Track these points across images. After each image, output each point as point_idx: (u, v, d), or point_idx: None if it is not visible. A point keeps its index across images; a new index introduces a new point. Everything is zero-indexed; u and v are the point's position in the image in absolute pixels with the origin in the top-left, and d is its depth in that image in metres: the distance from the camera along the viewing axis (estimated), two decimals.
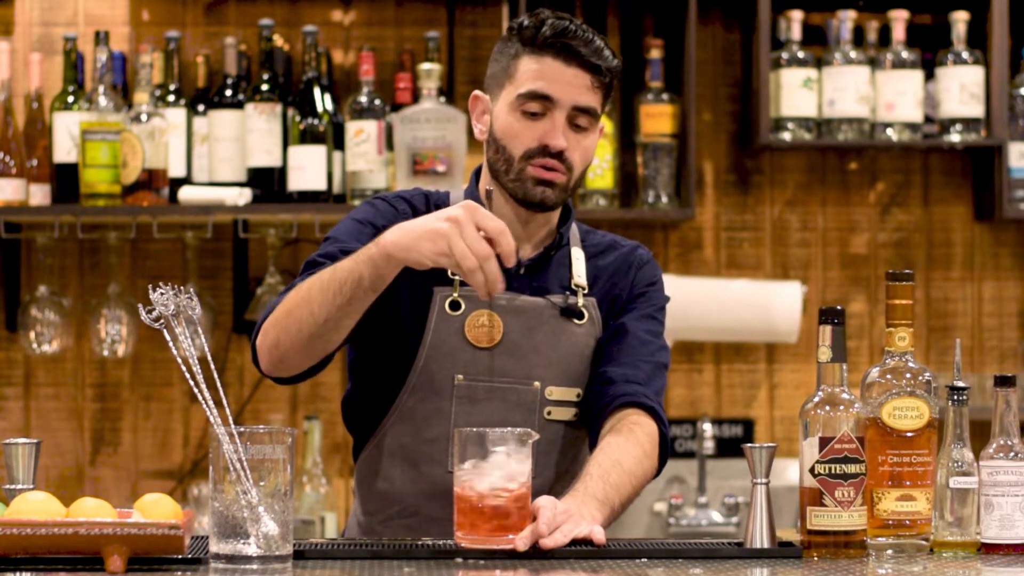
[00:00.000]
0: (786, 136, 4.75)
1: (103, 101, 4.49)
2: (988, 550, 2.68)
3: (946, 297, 5.02)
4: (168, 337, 2.54)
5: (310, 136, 4.53)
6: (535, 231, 3.00)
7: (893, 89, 4.75)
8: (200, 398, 2.52)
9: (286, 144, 4.56)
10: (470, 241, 2.62)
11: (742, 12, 4.91)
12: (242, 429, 2.48)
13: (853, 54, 4.76)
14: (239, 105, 4.60)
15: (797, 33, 4.78)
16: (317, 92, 4.56)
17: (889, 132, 4.77)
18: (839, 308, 2.65)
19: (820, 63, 4.78)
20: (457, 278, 2.93)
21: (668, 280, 3.15)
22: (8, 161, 4.53)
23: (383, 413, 2.97)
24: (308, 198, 4.52)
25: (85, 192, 4.48)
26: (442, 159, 4.53)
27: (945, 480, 2.70)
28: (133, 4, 4.83)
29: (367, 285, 2.72)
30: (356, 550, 2.63)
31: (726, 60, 4.97)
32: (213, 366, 2.55)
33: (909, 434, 2.68)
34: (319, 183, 4.51)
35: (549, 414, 2.96)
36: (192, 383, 2.53)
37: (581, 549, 2.61)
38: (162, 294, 2.54)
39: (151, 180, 4.47)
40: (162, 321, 2.54)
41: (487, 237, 2.64)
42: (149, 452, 4.82)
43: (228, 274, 4.82)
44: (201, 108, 4.64)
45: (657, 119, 4.76)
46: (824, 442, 2.62)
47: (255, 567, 2.45)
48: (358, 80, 4.61)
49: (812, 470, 2.62)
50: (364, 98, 4.56)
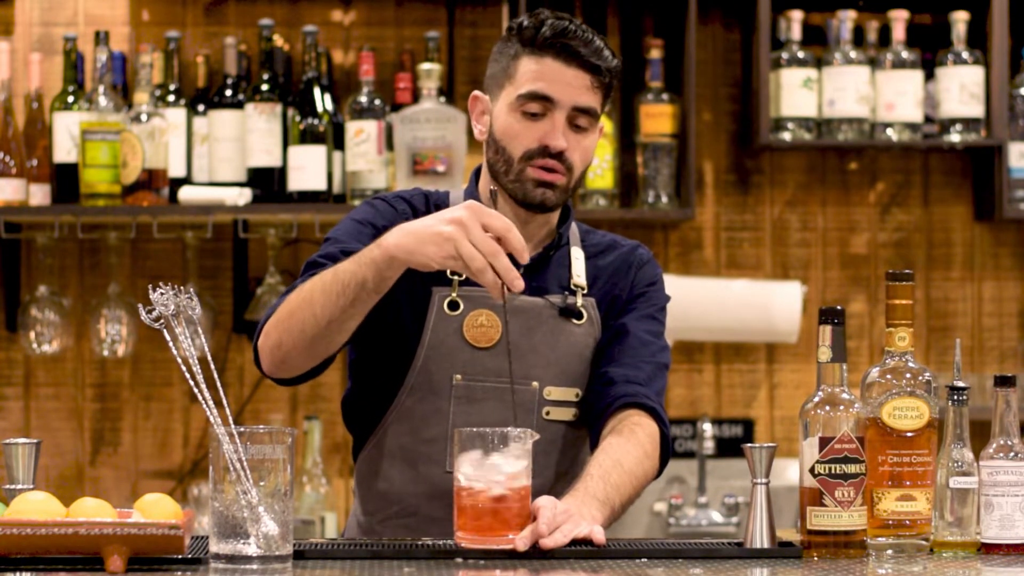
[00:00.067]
0: (786, 136, 4.75)
1: (103, 101, 4.49)
2: (988, 550, 2.68)
3: (946, 297, 5.02)
4: (168, 337, 2.54)
5: (310, 136, 4.53)
6: (535, 231, 3.00)
7: (893, 89, 4.75)
8: (200, 398, 2.52)
9: (286, 144, 4.56)
10: (477, 241, 2.61)
11: (742, 12, 4.91)
12: (242, 429, 2.48)
13: (853, 54, 4.76)
14: (239, 105, 4.60)
15: (797, 33, 4.78)
16: (317, 92, 4.56)
17: (889, 132, 4.77)
18: (839, 308, 2.65)
19: (820, 63, 4.78)
20: (456, 278, 2.93)
21: (668, 280, 3.15)
22: (8, 161, 4.53)
23: (382, 413, 2.97)
24: (308, 198, 4.52)
25: (85, 192, 4.48)
26: (442, 159, 4.53)
27: (945, 480, 2.70)
28: (133, 4, 4.82)
29: (370, 287, 2.71)
30: (356, 550, 2.63)
31: (726, 60, 4.97)
32: (213, 366, 2.55)
33: (909, 434, 2.68)
34: (319, 183, 4.51)
35: (548, 414, 2.96)
36: (192, 383, 2.53)
37: (581, 549, 2.60)
38: (162, 294, 2.54)
39: (151, 180, 4.47)
40: (162, 321, 2.54)
41: (494, 236, 2.63)
42: (149, 452, 4.82)
43: (228, 274, 4.82)
44: (201, 108, 4.64)
45: (657, 119, 4.76)
46: (824, 442, 2.62)
47: (255, 567, 2.45)
48: (358, 80, 4.61)
49: (812, 470, 2.62)
50: (364, 98, 4.56)
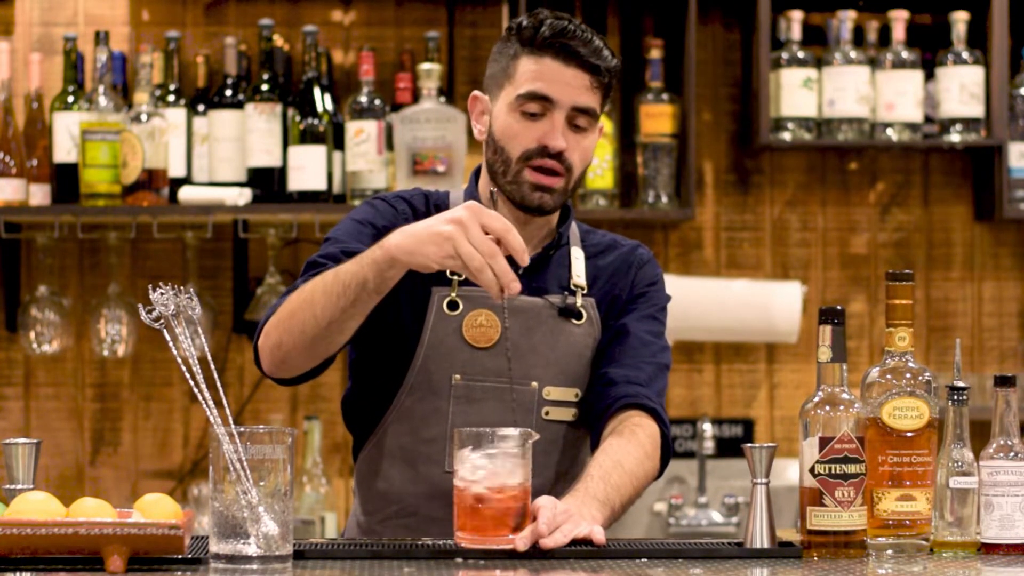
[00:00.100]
0: (786, 136, 4.75)
1: (103, 101, 4.49)
2: (988, 550, 2.68)
3: (946, 297, 5.02)
4: (168, 337, 2.54)
5: (310, 136, 4.53)
6: (535, 231, 3.00)
7: (893, 89, 4.75)
8: (200, 398, 2.52)
9: (286, 144, 4.56)
10: (476, 241, 2.61)
11: (742, 12, 4.91)
12: (242, 429, 2.48)
13: (853, 54, 4.75)
14: (239, 105, 4.60)
15: (797, 33, 4.78)
16: (317, 92, 4.56)
17: (889, 132, 4.76)
18: (839, 308, 2.65)
19: (820, 63, 4.78)
20: (455, 278, 2.93)
21: (668, 280, 3.15)
22: (8, 161, 4.53)
23: (382, 413, 2.97)
24: (308, 198, 4.52)
25: (85, 192, 4.48)
26: (442, 159, 4.53)
27: (945, 480, 2.70)
28: (133, 4, 4.82)
29: (371, 288, 2.71)
30: (356, 550, 2.63)
31: (726, 60, 4.97)
32: (213, 366, 2.55)
33: (909, 434, 2.68)
34: (319, 183, 4.51)
35: (547, 414, 2.96)
36: (192, 383, 2.53)
37: (581, 549, 2.60)
38: (162, 294, 2.54)
39: (151, 180, 4.47)
40: (162, 321, 2.54)
41: (494, 237, 2.63)
42: (149, 452, 4.82)
43: (228, 274, 4.82)
44: (201, 108, 4.64)
45: (657, 119, 4.76)
46: (824, 442, 2.62)
47: (255, 567, 2.45)
48: (358, 80, 4.61)
49: (812, 470, 2.62)
50: (364, 98, 4.56)
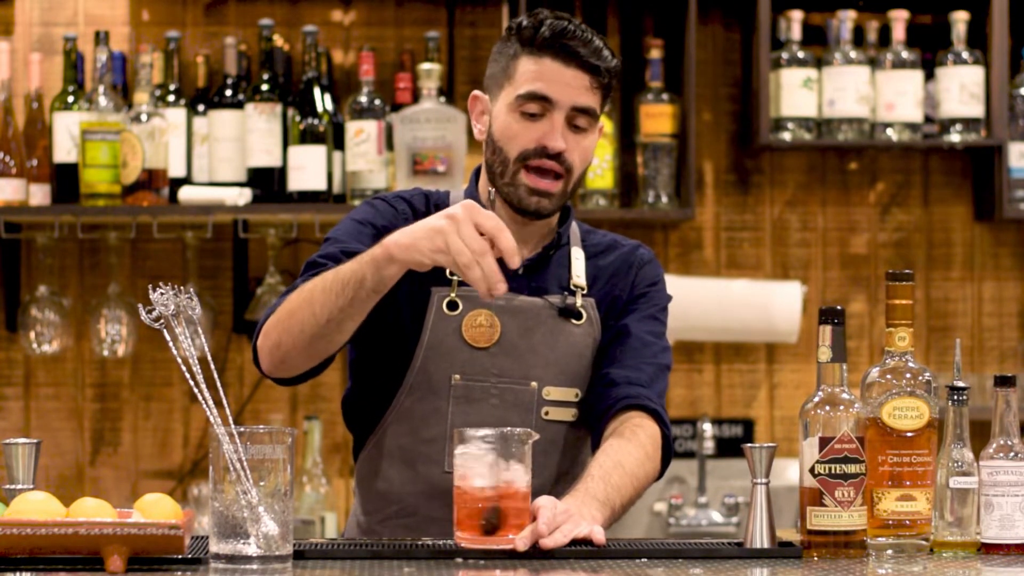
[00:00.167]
0: (786, 136, 4.75)
1: (103, 101, 4.49)
2: (988, 550, 2.68)
3: (946, 297, 5.02)
4: (168, 337, 2.54)
5: (310, 136, 4.53)
6: (534, 231, 3.00)
7: (893, 89, 4.75)
8: (200, 398, 2.52)
9: (286, 144, 4.56)
10: (467, 238, 2.61)
11: (742, 12, 4.91)
12: (242, 429, 2.48)
13: (853, 54, 4.75)
14: (239, 105, 4.60)
15: (797, 33, 4.78)
16: (317, 92, 4.56)
17: (889, 132, 4.76)
18: (839, 308, 2.65)
19: (820, 63, 4.78)
20: (455, 278, 2.93)
21: (668, 280, 3.14)
22: (8, 161, 4.53)
23: (382, 413, 2.97)
24: (308, 198, 4.52)
25: (85, 192, 4.48)
26: (442, 159, 4.53)
27: (945, 480, 2.70)
28: (133, 4, 4.82)
29: (369, 286, 2.71)
30: (356, 550, 2.63)
31: (726, 60, 4.97)
32: (213, 366, 2.55)
33: (909, 434, 2.68)
34: (319, 183, 4.51)
35: (547, 414, 2.96)
36: (192, 383, 2.53)
37: (581, 549, 2.60)
38: (162, 294, 2.54)
39: (151, 180, 4.47)
40: (162, 321, 2.54)
41: (487, 237, 2.64)
42: (149, 452, 4.82)
43: (228, 274, 4.82)
44: (201, 108, 4.64)
45: (657, 119, 4.76)
46: (824, 442, 2.62)
47: (255, 567, 2.45)
48: (358, 80, 4.61)
49: (812, 470, 2.62)
50: (364, 98, 4.56)
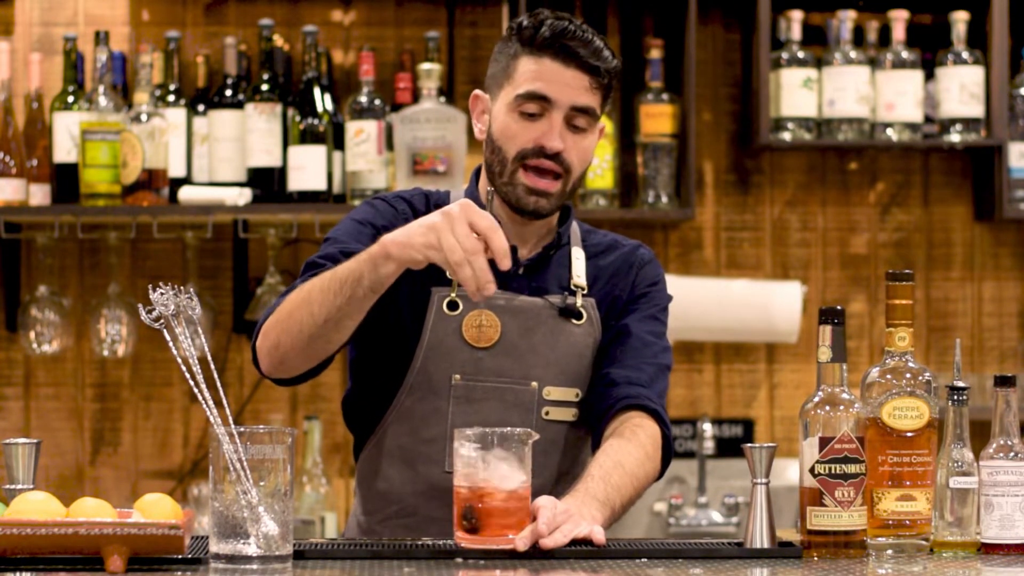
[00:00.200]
0: (786, 136, 4.75)
1: (103, 101, 4.49)
2: (988, 550, 2.68)
3: (946, 297, 5.02)
4: (168, 337, 2.54)
5: (310, 136, 4.53)
6: (533, 230, 3.00)
7: (893, 89, 4.75)
8: (200, 398, 2.52)
9: (286, 144, 4.56)
10: (460, 236, 2.62)
11: (742, 12, 4.91)
12: (242, 429, 2.48)
13: (853, 54, 4.75)
14: (239, 105, 4.60)
15: (797, 33, 4.78)
16: (317, 92, 4.56)
17: (889, 132, 4.76)
18: (839, 308, 2.65)
19: (820, 63, 4.78)
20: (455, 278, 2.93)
21: (668, 280, 3.14)
22: (8, 161, 4.53)
23: (382, 413, 2.97)
24: (308, 198, 4.52)
25: (85, 192, 4.48)
26: (442, 159, 4.53)
27: (945, 480, 2.70)
28: (133, 4, 4.82)
29: (367, 285, 2.71)
30: (356, 550, 2.63)
31: (726, 60, 4.97)
32: (213, 366, 2.55)
33: (909, 434, 2.68)
34: (319, 183, 4.51)
35: (547, 414, 2.96)
36: (192, 383, 2.53)
37: (581, 549, 2.60)
38: (162, 294, 2.54)
39: (151, 180, 4.47)
40: (162, 321, 2.54)
41: (480, 236, 2.64)
42: (149, 452, 4.82)
43: (228, 274, 4.82)
44: (201, 108, 4.64)
45: (657, 119, 4.76)
46: (824, 442, 2.62)
47: (255, 567, 2.45)
48: (358, 80, 4.61)
49: (812, 470, 2.62)
50: (364, 98, 4.56)
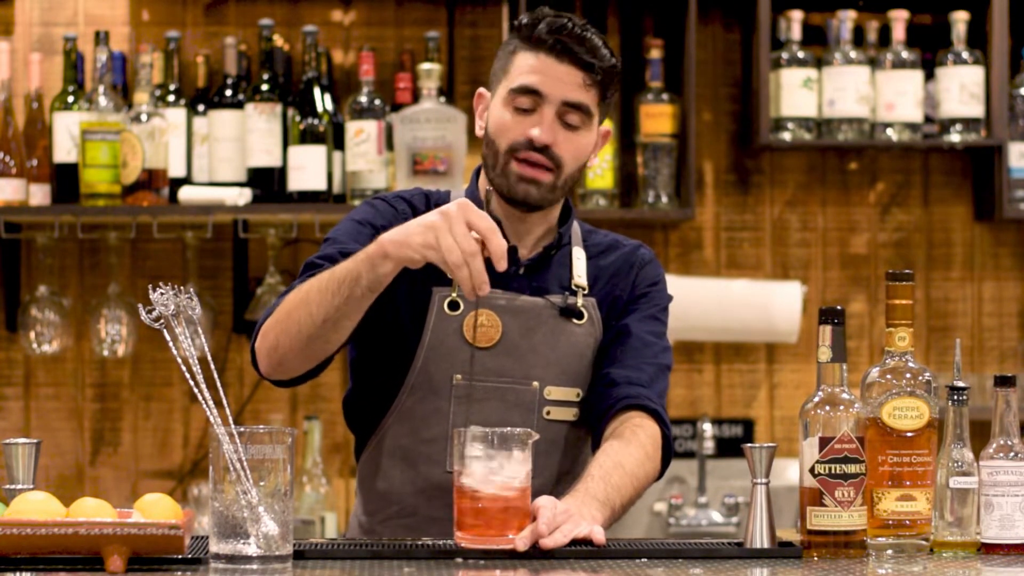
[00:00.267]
0: (786, 136, 4.75)
1: (103, 101, 4.49)
2: (988, 550, 2.68)
3: (946, 297, 5.02)
4: (168, 337, 2.54)
5: (310, 136, 4.53)
6: (532, 229, 3.00)
7: (893, 89, 4.75)
8: (200, 398, 2.52)
9: (286, 144, 4.56)
10: (458, 236, 2.62)
11: (742, 12, 4.91)
12: (242, 429, 2.48)
13: (853, 54, 4.75)
14: (239, 105, 4.60)
15: (797, 33, 4.78)
16: (317, 92, 4.56)
17: (889, 132, 4.76)
18: (839, 308, 2.65)
19: (820, 63, 4.78)
20: None
21: (668, 280, 3.14)
22: (8, 161, 4.53)
23: (383, 413, 2.97)
24: (308, 198, 4.52)
25: (85, 192, 4.47)
26: (442, 159, 4.53)
27: (945, 480, 2.70)
28: (133, 4, 4.82)
29: (365, 285, 2.71)
30: (356, 550, 2.63)
31: (726, 60, 4.97)
32: (213, 366, 2.55)
33: (909, 434, 2.68)
34: (319, 183, 4.51)
35: (548, 414, 2.96)
36: (192, 383, 2.53)
37: (581, 549, 2.61)
38: (162, 294, 2.54)
39: (151, 180, 4.47)
40: (162, 321, 2.54)
41: (477, 236, 2.64)
42: (149, 452, 4.82)
43: (228, 274, 4.82)
44: (201, 108, 4.64)
45: (657, 119, 4.76)
46: (824, 442, 2.62)
47: (255, 567, 2.45)
48: (358, 80, 4.61)
49: (812, 470, 2.62)
50: (364, 98, 4.56)
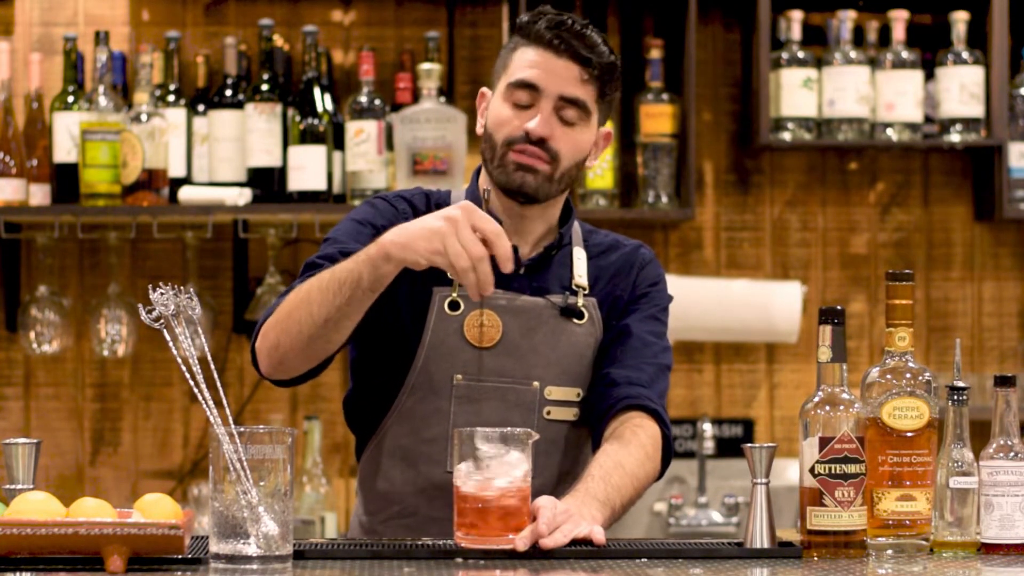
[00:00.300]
0: (786, 136, 4.75)
1: (103, 101, 4.49)
2: (988, 550, 2.68)
3: (946, 297, 5.02)
4: (168, 337, 2.54)
5: (310, 136, 4.53)
6: (531, 226, 3.00)
7: (893, 89, 4.75)
8: (200, 398, 2.52)
9: (286, 144, 4.56)
10: (465, 241, 2.62)
11: (742, 12, 4.91)
12: (242, 429, 2.48)
13: (853, 54, 4.75)
14: (239, 105, 4.60)
15: (797, 33, 4.78)
16: (317, 92, 4.56)
17: (889, 132, 4.76)
18: (839, 308, 2.65)
19: (820, 63, 4.78)
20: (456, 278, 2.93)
21: (668, 280, 3.14)
22: (8, 161, 4.53)
23: (383, 413, 2.97)
24: (308, 198, 4.52)
25: (85, 192, 4.47)
26: (442, 159, 4.53)
27: (945, 480, 2.70)
28: (133, 4, 4.82)
29: (366, 285, 2.72)
30: (356, 550, 2.63)
31: (726, 60, 4.97)
32: (213, 366, 2.55)
33: (909, 434, 2.68)
34: (319, 183, 4.51)
35: (548, 414, 2.96)
36: (192, 383, 2.53)
37: (581, 549, 2.61)
38: (162, 294, 2.54)
39: (151, 180, 4.47)
40: (162, 321, 2.54)
41: (483, 239, 2.64)
42: (149, 452, 4.82)
43: (228, 274, 4.82)
44: (201, 108, 4.64)
45: (657, 119, 4.76)
46: (824, 442, 2.62)
47: (255, 567, 2.45)
48: (358, 80, 4.61)
49: (812, 470, 2.62)
50: (364, 98, 4.56)
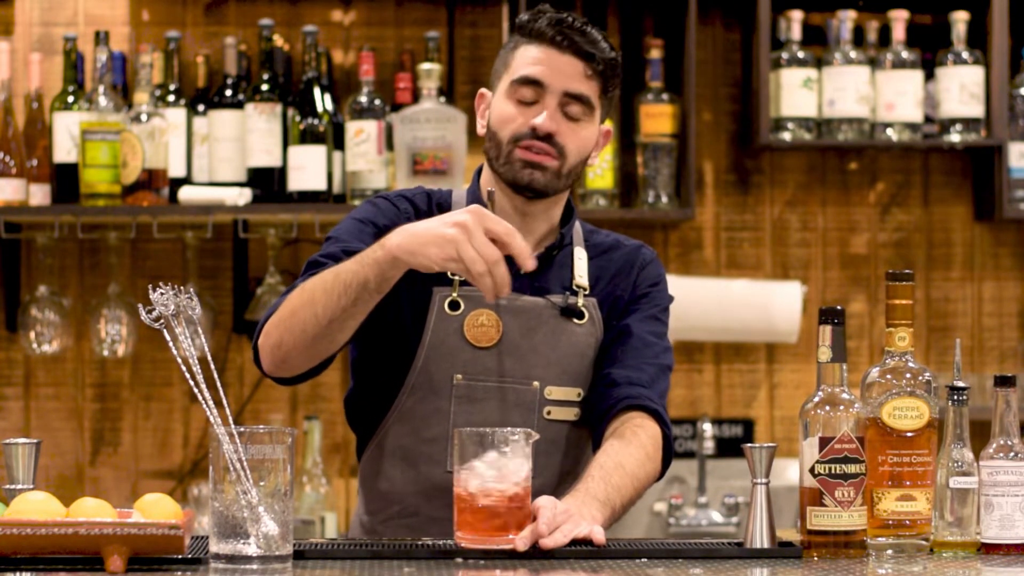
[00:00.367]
0: (786, 136, 4.75)
1: (103, 101, 4.49)
2: (988, 550, 2.68)
3: (946, 297, 5.02)
4: (168, 337, 2.54)
5: (310, 136, 4.53)
6: (534, 225, 3.00)
7: (893, 89, 4.75)
8: (200, 398, 2.52)
9: (286, 144, 4.56)
10: (479, 246, 2.63)
11: (742, 12, 4.91)
12: (242, 429, 2.48)
13: (853, 54, 4.75)
14: (239, 105, 4.60)
15: (797, 33, 4.78)
16: (317, 92, 4.56)
17: (889, 132, 4.76)
18: (839, 308, 2.65)
19: (820, 63, 4.78)
20: (457, 278, 2.93)
21: (668, 280, 3.14)
22: (8, 161, 4.53)
23: (384, 413, 2.97)
24: (308, 198, 4.52)
25: (85, 192, 4.47)
26: (442, 159, 4.53)
27: (945, 480, 2.70)
28: (133, 4, 4.82)
29: (372, 287, 2.72)
30: (356, 550, 2.63)
31: (726, 60, 4.97)
32: (213, 366, 2.55)
33: (909, 434, 2.68)
34: (319, 183, 4.51)
35: (549, 414, 2.96)
36: (192, 383, 2.53)
37: (581, 549, 2.61)
38: (162, 294, 2.54)
39: (151, 180, 4.47)
40: (162, 321, 2.54)
41: (495, 240, 2.64)
42: (149, 452, 4.82)
43: (228, 274, 4.82)
44: (201, 108, 4.64)
45: (657, 119, 4.76)
46: (824, 442, 2.62)
47: (255, 567, 2.45)
48: (358, 80, 4.61)
49: (812, 470, 2.62)
50: (364, 98, 4.56)
